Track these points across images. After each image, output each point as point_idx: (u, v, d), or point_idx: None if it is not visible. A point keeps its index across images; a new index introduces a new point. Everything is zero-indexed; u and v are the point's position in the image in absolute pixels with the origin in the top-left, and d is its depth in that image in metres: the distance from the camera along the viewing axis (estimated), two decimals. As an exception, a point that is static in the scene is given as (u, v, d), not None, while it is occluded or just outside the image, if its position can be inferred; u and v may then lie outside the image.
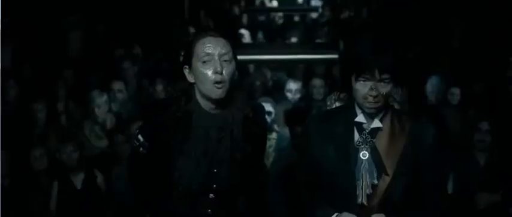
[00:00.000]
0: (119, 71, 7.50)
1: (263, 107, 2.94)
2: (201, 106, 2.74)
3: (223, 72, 2.66)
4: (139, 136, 2.73)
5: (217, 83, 2.66)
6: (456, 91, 6.34)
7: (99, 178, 5.09)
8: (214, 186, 2.73)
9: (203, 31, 2.80)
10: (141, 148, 2.73)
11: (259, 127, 2.82)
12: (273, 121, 5.34)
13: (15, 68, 6.88)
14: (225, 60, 2.68)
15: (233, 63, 2.71)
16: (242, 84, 2.82)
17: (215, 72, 2.66)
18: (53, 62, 7.66)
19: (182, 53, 2.78)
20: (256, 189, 2.87)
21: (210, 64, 2.67)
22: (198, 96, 2.74)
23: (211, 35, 2.72)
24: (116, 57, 8.15)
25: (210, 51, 2.67)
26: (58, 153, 5.03)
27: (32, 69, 7.11)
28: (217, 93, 2.68)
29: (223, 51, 2.68)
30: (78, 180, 5.03)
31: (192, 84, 2.74)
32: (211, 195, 2.74)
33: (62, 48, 8.48)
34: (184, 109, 2.72)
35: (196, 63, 2.69)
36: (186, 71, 2.74)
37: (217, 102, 2.72)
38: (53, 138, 5.48)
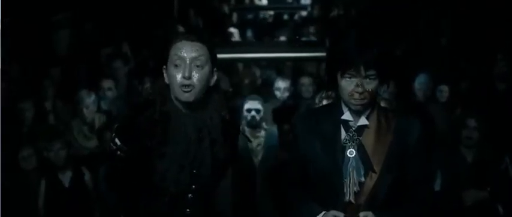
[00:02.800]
0: (108, 69, 7.48)
1: (237, 108, 2.96)
2: (178, 107, 2.74)
3: (192, 76, 2.67)
4: (116, 140, 2.70)
5: (184, 86, 2.67)
6: (444, 88, 6.36)
7: (87, 176, 5.08)
8: (193, 186, 2.74)
9: (181, 34, 2.82)
10: (118, 152, 2.71)
11: (234, 128, 2.86)
12: (262, 119, 5.34)
13: (3, 67, 6.85)
14: (197, 66, 2.68)
15: (206, 68, 2.71)
16: (220, 86, 2.80)
17: (183, 77, 2.67)
18: (41, 60, 7.63)
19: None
20: (238, 188, 2.87)
21: (180, 68, 2.68)
22: (173, 98, 2.74)
23: (186, 39, 2.72)
24: (104, 55, 8.12)
25: (181, 55, 2.68)
26: (46, 151, 5.02)
27: (20, 68, 7.07)
28: (184, 96, 2.69)
29: (195, 55, 2.68)
30: (66, 178, 5.01)
31: (168, 85, 2.75)
32: (190, 195, 2.74)
33: (50, 47, 8.45)
34: (161, 111, 2.73)
35: (170, 66, 2.72)
36: (164, 72, 2.76)
37: (191, 105, 2.72)
38: (41, 137, 5.45)
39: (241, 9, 15.66)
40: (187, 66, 2.67)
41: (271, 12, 15.66)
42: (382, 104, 2.79)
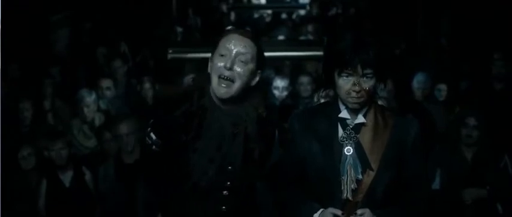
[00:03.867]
0: (107, 68, 7.48)
1: (277, 108, 2.94)
2: (215, 102, 2.73)
3: (234, 69, 2.66)
4: (152, 134, 2.68)
5: (222, 78, 2.66)
6: (443, 87, 6.36)
7: (88, 176, 5.08)
8: (228, 183, 2.72)
9: (234, 28, 2.85)
10: (153, 147, 2.68)
11: (271, 126, 2.82)
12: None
13: (1, 67, 6.85)
14: (241, 61, 2.68)
15: (250, 65, 2.70)
16: (261, 85, 2.77)
17: (224, 66, 2.66)
18: (40, 60, 7.63)
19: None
20: (264, 187, 2.86)
21: (225, 58, 2.68)
22: (211, 92, 2.73)
23: (239, 33, 2.74)
24: (100, 55, 8.12)
25: (229, 46, 2.69)
26: (47, 151, 5.02)
27: (19, 68, 7.08)
28: (221, 91, 2.68)
29: (243, 50, 2.68)
30: (66, 178, 5.01)
31: (209, 78, 2.74)
32: (225, 191, 2.73)
33: (49, 46, 8.45)
34: (198, 105, 2.72)
35: (215, 55, 2.72)
36: (209, 62, 2.76)
37: (227, 101, 2.70)
38: (41, 137, 5.45)
39: (240, 8, 15.65)
40: (231, 58, 2.67)
41: (270, 11, 15.65)
42: (380, 103, 2.80)
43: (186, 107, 2.71)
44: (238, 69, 2.68)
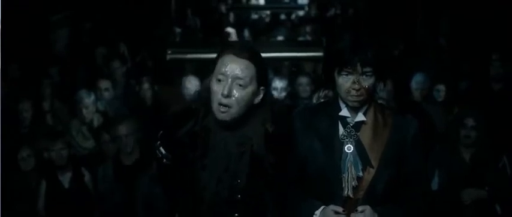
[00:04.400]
0: (106, 69, 7.48)
1: (285, 119, 2.87)
2: (218, 122, 2.65)
3: (232, 95, 2.58)
4: (161, 149, 2.66)
5: (221, 104, 2.59)
6: (441, 88, 6.37)
7: (87, 177, 5.08)
8: (239, 196, 2.66)
9: (231, 47, 2.68)
10: (164, 160, 2.67)
11: (280, 140, 2.71)
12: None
13: (1, 67, 6.85)
14: (239, 85, 2.58)
15: (250, 88, 2.60)
16: (266, 100, 2.69)
17: (222, 94, 2.57)
18: (39, 60, 7.63)
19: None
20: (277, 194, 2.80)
21: (222, 84, 2.58)
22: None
23: (234, 54, 2.61)
24: (99, 55, 8.13)
25: (224, 71, 2.58)
26: (46, 151, 5.02)
27: (18, 68, 7.08)
28: (221, 116, 2.61)
29: (240, 74, 2.58)
30: (66, 179, 5.02)
31: None
32: (236, 214, 2.67)
33: (48, 47, 8.45)
34: (202, 125, 2.66)
35: (213, 79, 2.64)
36: (210, 84, 2.67)
37: (229, 123, 2.63)
38: (40, 138, 5.46)
39: (238, 8, 15.66)
40: (228, 84, 2.58)
41: (268, 12, 15.66)
42: (380, 102, 2.82)
43: (191, 125, 2.67)
44: (237, 95, 2.59)
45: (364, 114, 2.70)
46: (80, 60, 8.03)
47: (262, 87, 2.67)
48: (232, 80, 2.59)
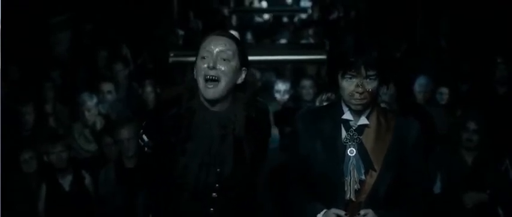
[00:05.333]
0: (108, 72, 7.47)
1: (267, 108, 2.94)
2: (204, 104, 2.74)
3: (218, 68, 2.68)
4: (144, 136, 2.74)
5: (208, 80, 2.68)
6: (444, 91, 6.37)
7: (87, 180, 5.08)
8: (217, 185, 2.74)
9: (212, 31, 2.83)
10: (146, 148, 2.74)
11: (262, 128, 2.83)
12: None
13: (2, 69, 6.85)
14: (223, 59, 2.70)
15: (233, 62, 2.72)
16: (247, 86, 2.79)
17: (208, 67, 2.68)
18: (41, 63, 7.62)
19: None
20: (254, 188, 2.86)
21: (207, 60, 2.70)
22: (200, 95, 2.74)
23: (216, 34, 2.76)
24: (102, 58, 8.12)
25: (209, 48, 2.71)
26: (46, 155, 5.02)
27: (20, 71, 7.07)
28: (209, 93, 2.69)
29: (222, 48, 2.70)
30: (66, 182, 5.01)
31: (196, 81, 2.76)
32: (214, 194, 2.74)
33: (50, 49, 8.44)
34: (187, 107, 2.73)
35: (198, 59, 2.73)
36: (194, 68, 2.77)
37: (216, 102, 2.72)
38: (43, 140, 5.46)
39: (241, 11, 15.67)
40: (212, 58, 2.69)
41: (271, 15, 15.67)
42: (383, 106, 2.82)
43: (176, 109, 2.73)
44: (222, 68, 2.69)
45: (367, 117, 2.71)
46: (81, 62, 8.03)
47: (244, 68, 2.77)
48: (216, 54, 2.70)
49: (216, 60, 2.69)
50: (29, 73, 7.15)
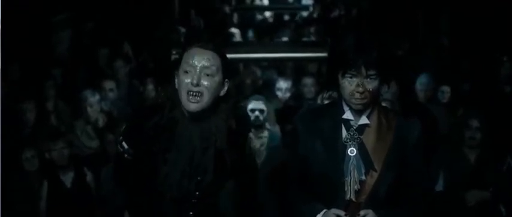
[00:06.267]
0: (109, 69, 7.47)
1: (247, 118, 2.94)
2: (185, 115, 2.73)
3: (201, 84, 2.66)
4: (124, 144, 2.73)
5: (191, 94, 2.66)
6: (446, 89, 6.36)
7: (89, 177, 5.08)
8: (197, 193, 2.74)
9: (197, 41, 2.80)
10: (125, 155, 2.74)
11: (241, 137, 2.83)
12: (265, 119, 5.34)
13: (3, 68, 6.84)
14: (207, 74, 2.68)
15: (217, 78, 2.70)
16: (229, 95, 2.79)
17: (191, 83, 2.66)
18: (42, 61, 7.62)
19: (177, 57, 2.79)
20: (242, 191, 2.85)
21: (190, 75, 2.68)
22: (182, 106, 2.73)
23: (200, 47, 2.72)
24: (103, 56, 8.12)
25: (192, 63, 2.68)
26: (48, 152, 5.02)
27: (21, 69, 7.07)
28: (191, 107, 2.68)
29: (206, 64, 2.67)
30: (68, 179, 5.02)
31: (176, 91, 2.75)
32: (194, 200, 2.74)
33: (51, 48, 8.44)
34: (168, 117, 2.72)
35: (180, 72, 2.71)
36: (175, 77, 2.75)
37: (197, 114, 2.71)
38: (43, 138, 5.46)
39: (242, 9, 15.64)
40: (196, 74, 2.67)
41: (272, 13, 15.64)
42: (384, 105, 2.81)
43: (157, 118, 2.72)
44: (206, 83, 2.67)
45: (368, 117, 2.69)
46: (82, 60, 8.02)
47: (226, 80, 2.76)
48: (200, 69, 2.68)
49: (200, 77, 2.67)
50: (30, 71, 7.15)
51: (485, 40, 8.03)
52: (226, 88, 2.76)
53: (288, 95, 6.61)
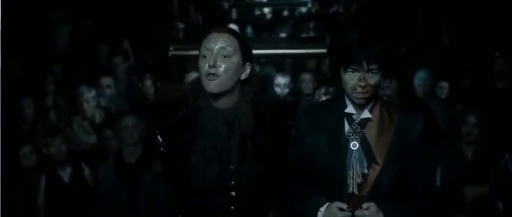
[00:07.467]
0: (108, 65, 7.47)
1: (278, 103, 2.93)
2: (210, 102, 2.74)
3: (218, 66, 2.68)
4: (159, 137, 2.77)
5: (209, 75, 2.68)
6: (444, 85, 6.37)
7: (87, 172, 5.09)
8: (233, 182, 2.72)
9: (213, 28, 2.83)
10: (161, 149, 2.78)
11: (274, 122, 2.79)
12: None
13: (3, 64, 6.85)
14: (224, 56, 2.69)
15: (234, 58, 2.70)
16: (254, 79, 2.80)
17: (208, 65, 2.68)
18: (41, 57, 7.63)
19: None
20: (277, 182, 2.82)
21: (207, 58, 2.70)
22: (206, 91, 2.74)
23: (217, 31, 2.75)
24: (102, 52, 8.12)
25: (209, 46, 2.70)
26: (46, 148, 5.03)
27: (20, 65, 7.08)
28: (210, 86, 2.68)
29: (222, 45, 2.69)
30: (65, 174, 5.03)
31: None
32: (233, 192, 2.73)
33: (50, 43, 8.45)
34: (193, 106, 2.74)
35: (200, 57, 2.73)
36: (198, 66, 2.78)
37: (218, 96, 2.72)
38: (42, 133, 5.47)
39: (241, 5, 15.64)
40: (212, 56, 2.69)
41: (271, 9, 15.64)
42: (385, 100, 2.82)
43: (184, 109, 2.75)
44: (222, 65, 2.69)
45: (370, 111, 2.70)
46: (81, 57, 8.03)
47: (247, 63, 2.76)
48: (216, 51, 2.69)
49: (216, 58, 2.68)
50: (29, 67, 7.15)
51: (484, 37, 8.03)
52: (248, 71, 2.76)
53: (286, 91, 6.61)
